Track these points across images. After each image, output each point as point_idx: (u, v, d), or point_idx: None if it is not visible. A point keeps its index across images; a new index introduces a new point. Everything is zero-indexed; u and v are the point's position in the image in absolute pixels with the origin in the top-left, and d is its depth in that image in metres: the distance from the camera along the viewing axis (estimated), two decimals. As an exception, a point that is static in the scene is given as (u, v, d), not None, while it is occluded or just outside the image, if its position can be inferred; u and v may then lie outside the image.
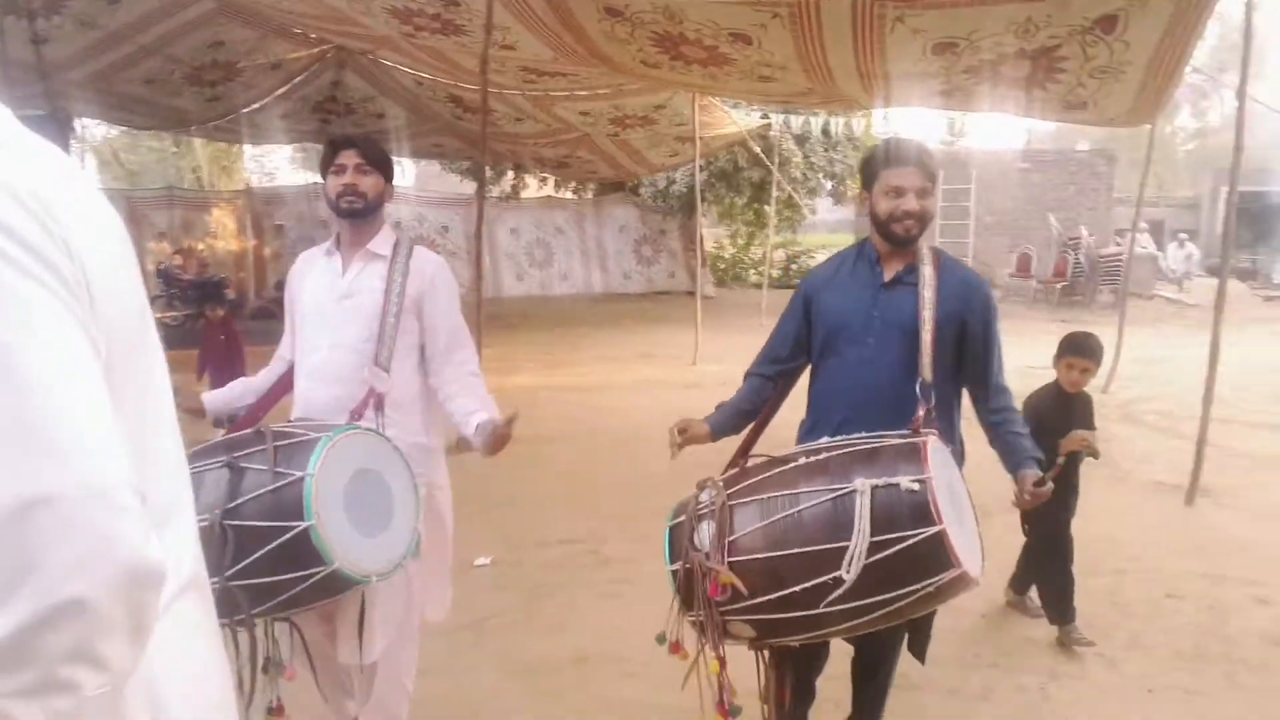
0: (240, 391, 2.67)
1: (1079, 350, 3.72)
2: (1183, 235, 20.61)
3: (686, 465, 2.54)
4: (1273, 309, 16.82)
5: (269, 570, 2.05)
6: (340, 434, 2.16)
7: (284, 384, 2.64)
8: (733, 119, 11.60)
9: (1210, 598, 4.02)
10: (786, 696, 2.31)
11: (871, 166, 2.43)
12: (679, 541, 2.13)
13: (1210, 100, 33.86)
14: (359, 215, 2.52)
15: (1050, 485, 2.34)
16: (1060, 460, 2.68)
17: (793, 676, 2.35)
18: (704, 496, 2.15)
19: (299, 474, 2.05)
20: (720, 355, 9.30)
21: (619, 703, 3.06)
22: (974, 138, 33.35)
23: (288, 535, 2.03)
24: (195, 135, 15.08)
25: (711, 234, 18.90)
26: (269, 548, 2.03)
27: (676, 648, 2.16)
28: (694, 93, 9.44)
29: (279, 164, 27.73)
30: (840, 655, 2.65)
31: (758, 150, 13.24)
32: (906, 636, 2.51)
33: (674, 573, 2.14)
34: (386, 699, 2.62)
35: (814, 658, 2.55)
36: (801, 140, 16.16)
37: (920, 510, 1.92)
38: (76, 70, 8.82)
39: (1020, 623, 3.79)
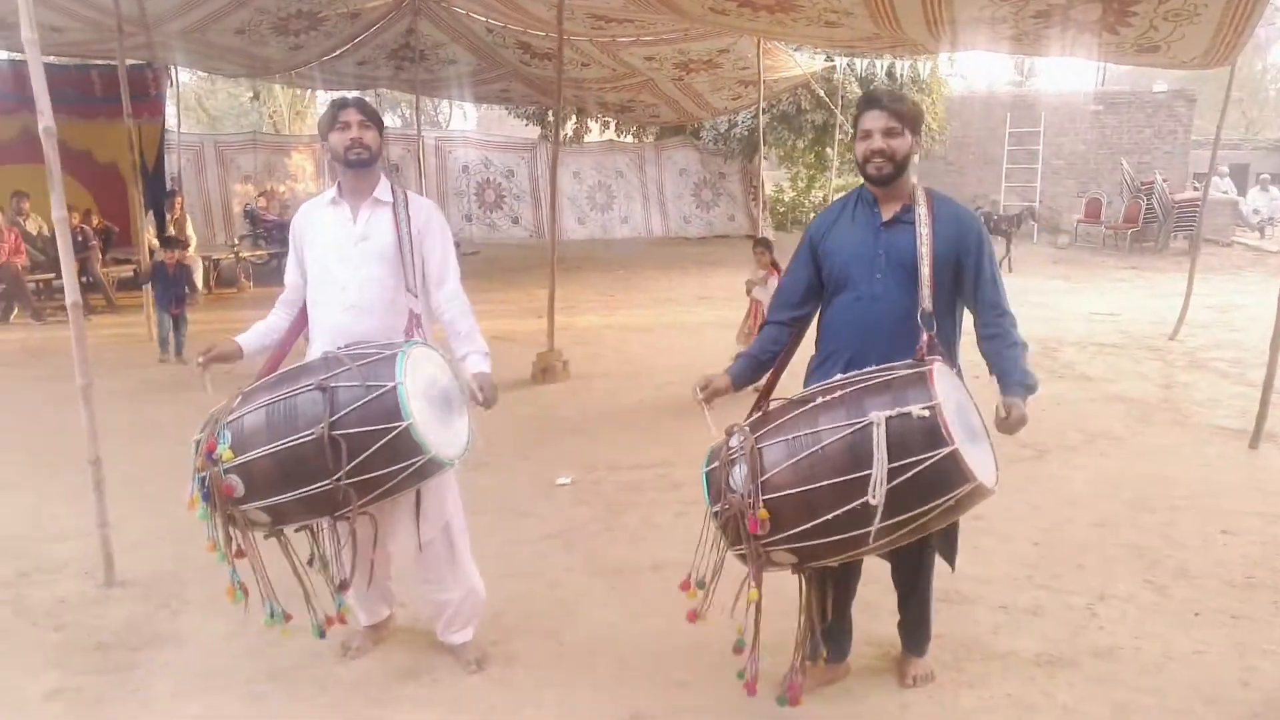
0: (265, 331, 3.01)
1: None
2: (1264, 178, 19.81)
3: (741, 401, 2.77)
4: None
5: (378, 465, 2.46)
6: (410, 347, 2.58)
7: (300, 321, 3.00)
8: (796, 62, 11.57)
9: (1265, 535, 4.12)
10: (827, 610, 2.57)
11: (855, 116, 2.67)
12: (716, 485, 2.37)
13: (1304, 37, 32.11)
14: (365, 165, 2.86)
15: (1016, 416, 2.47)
16: None
17: (832, 593, 2.61)
18: (733, 441, 2.38)
19: (390, 383, 2.46)
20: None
21: (690, 603, 3.37)
22: (1044, 79, 32.27)
23: (391, 434, 2.43)
24: (276, 82, 15.54)
25: (771, 177, 18.79)
26: (376, 446, 2.43)
27: (686, 585, 2.45)
28: (759, 37, 9.46)
29: (348, 109, 28.17)
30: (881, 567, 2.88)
31: (821, 93, 13.16)
32: (935, 546, 2.74)
33: (714, 513, 2.38)
34: (470, 578, 3.02)
35: (849, 576, 2.80)
36: (866, 83, 15.92)
37: (932, 434, 2.15)
38: (176, 22, 9.22)
39: (1071, 549, 3.98)
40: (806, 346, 2.83)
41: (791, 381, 2.78)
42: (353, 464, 2.42)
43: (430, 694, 2.87)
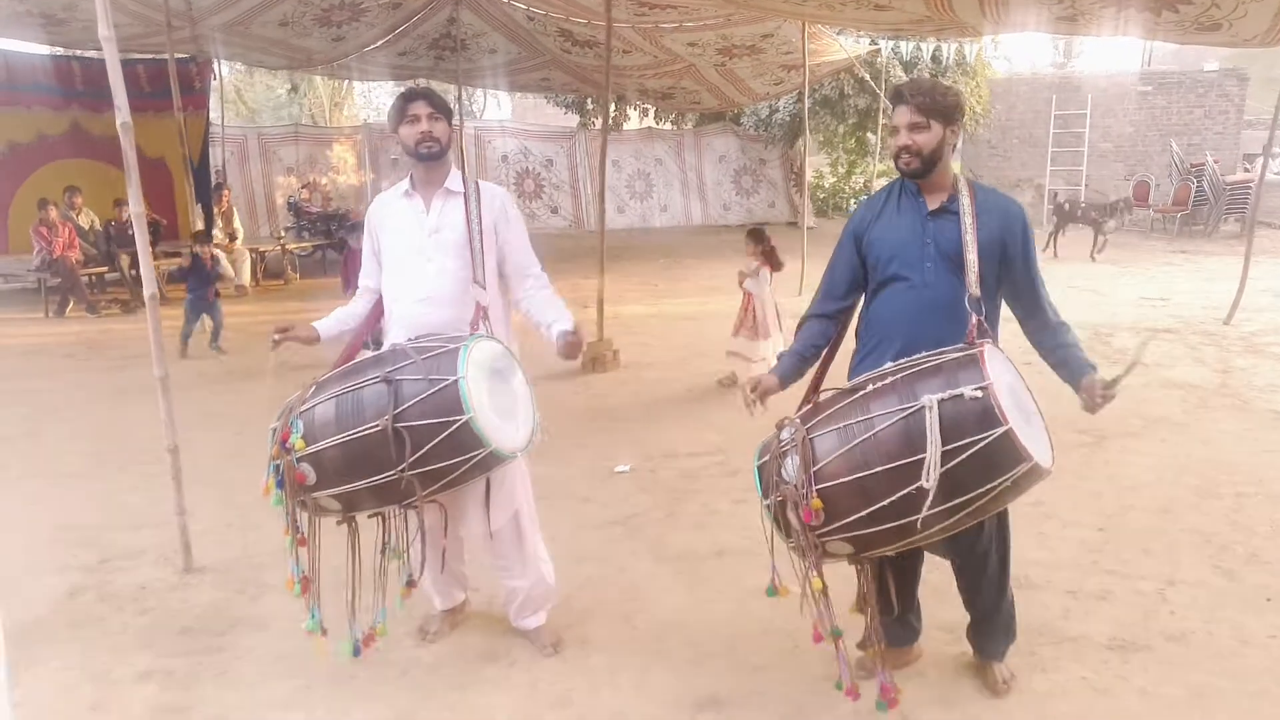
0: (343, 316, 3.07)
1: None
2: (1318, 159, 19.30)
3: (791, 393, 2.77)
4: None
5: (440, 457, 2.51)
6: (473, 342, 2.62)
7: (377, 311, 3.06)
8: (840, 46, 11.47)
9: (1333, 520, 4.08)
10: (891, 599, 2.57)
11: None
12: (768, 478, 2.38)
13: (1358, 11, 31.05)
14: (436, 158, 2.89)
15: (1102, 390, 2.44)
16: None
17: (894, 584, 2.61)
18: (784, 435, 2.39)
19: (452, 378, 2.50)
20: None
21: (755, 589, 3.40)
22: (1087, 60, 31.63)
23: (453, 427, 2.47)
24: (316, 73, 15.68)
25: (811, 163, 18.70)
26: (438, 439, 2.48)
27: (784, 591, 2.44)
28: (805, 21, 9.40)
29: (385, 99, 28.41)
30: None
31: (865, 76, 13.04)
32: (995, 537, 2.67)
33: (768, 507, 2.39)
34: (538, 565, 3.07)
35: (911, 560, 2.78)
36: (910, 67, 15.76)
37: (986, 414, 2.14)
38: (220, 15, 9.36)
39: (1136, 534, 3.96)
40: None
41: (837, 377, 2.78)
42: (416, 456, 2.48)
43: (509, 676, 2.93)
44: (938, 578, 3.00)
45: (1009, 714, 2.68)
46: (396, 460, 2.48)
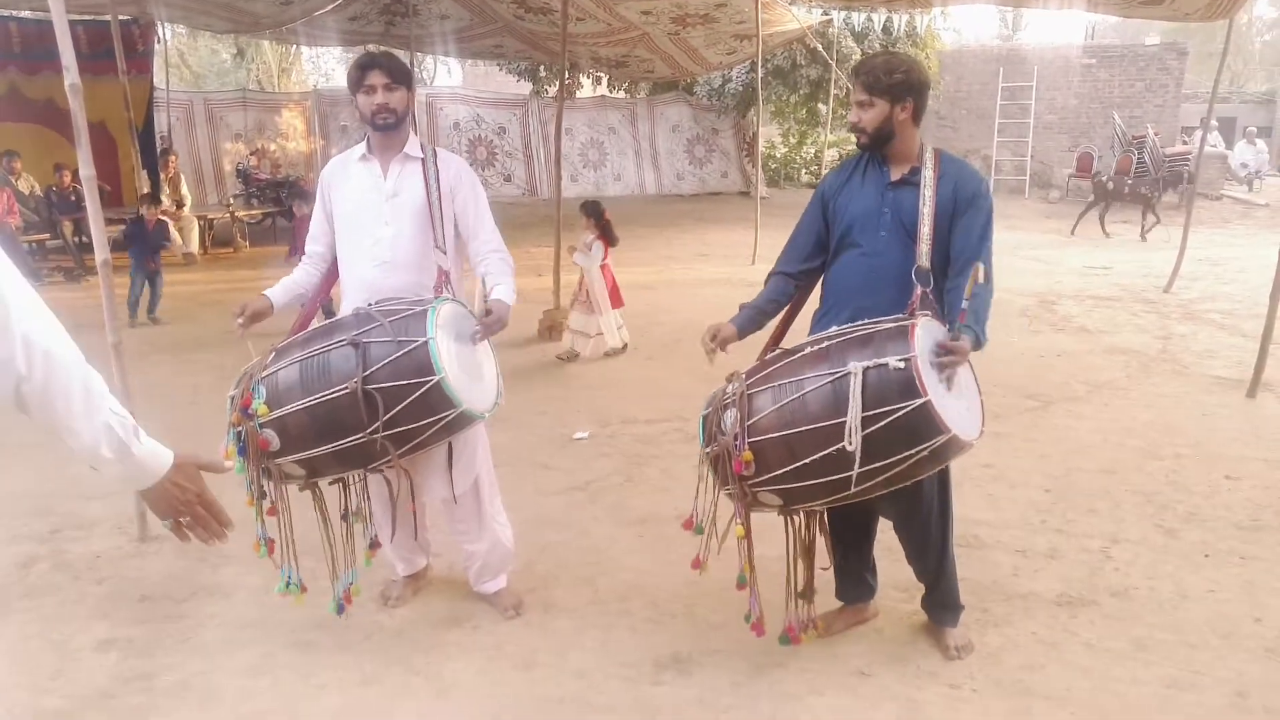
0: (292, 284, 3.03)
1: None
2: (1251, 131, 19.88)
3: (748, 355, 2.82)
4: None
5: (410, 419, 2.51)
6: (440, 304, 2.63)
7: (331, 276, 3.05)
8: (793, 16, 11.47)
9: (1268, 479, 4.26)
10: (827, 551, 2.71)
11: None
12: (710, 428, 2.50)
13: (1293, -11, 31.93)
14: (393, 128, 2.88)
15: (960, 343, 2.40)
16: None
17: (847, 540, 2.79)
18: (729, 388, 2.50)
19: (421, 339, 2.50)
20: (777, 255, 9.50)
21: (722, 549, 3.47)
22: (1033, 32, 32.08)
23: (424, 388, 2.48)
24: (264, 38, 15.20)
25: (763, 133, 18.77)
26: (408, 400, 2.48)
27: (689, 525, 2.58)
28: (759, -10, 9.39)
29: (334, 66, 27.77)
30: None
31: (818, 47, 13.07)
32: (936, 500, 2.76)
33: (705, 454, 2.51)
34: (495, 530, 3.09)
35: (862, 525, 2.89)
36: (860, 37, 15.82)
37: (907, 384, 2.24)
38: (164, -24, 9.04)
39: (1082, 495, 4.10)
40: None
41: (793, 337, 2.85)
42: (386, 417, 2.47)
43: (473, 639, 2.96)
44: (892, 538, 3.07)
45: (963, 669, 2.78)
46: (367, 422, 2.47)
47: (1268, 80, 31.27)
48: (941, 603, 2.90)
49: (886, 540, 3.00)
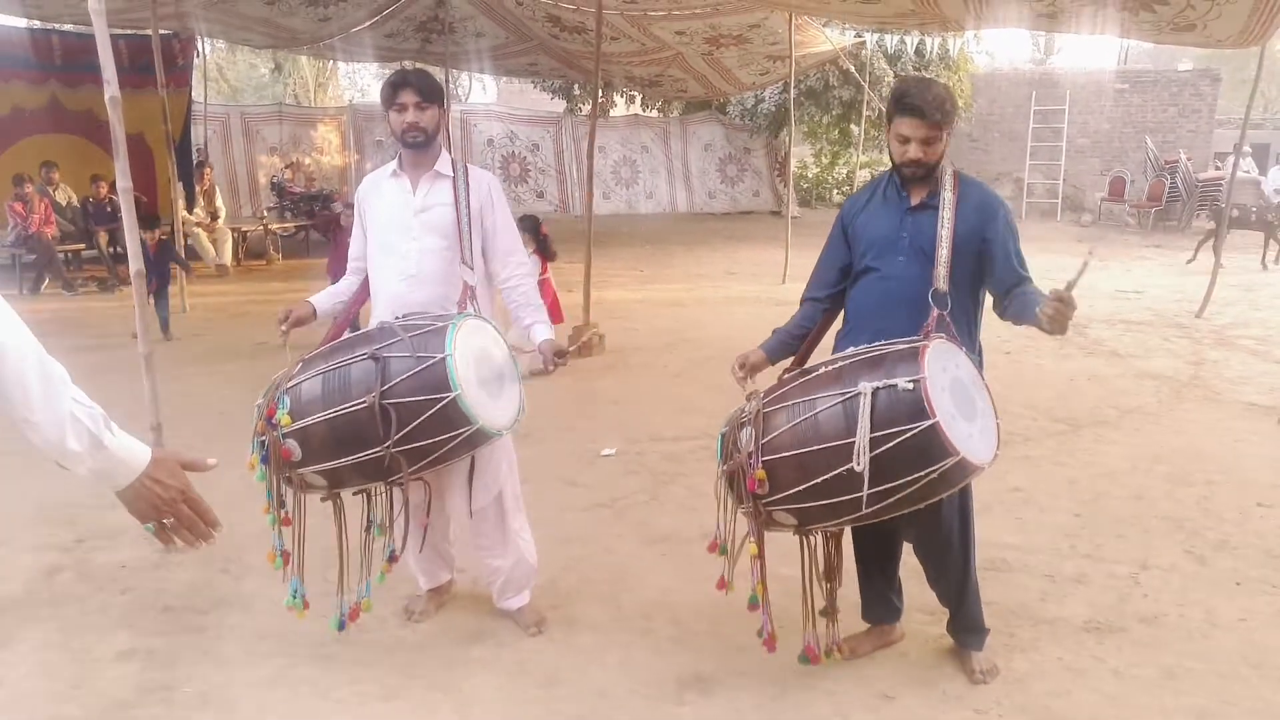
0: (335, 293, 3.11)
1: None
2: (1288, 158, 19.62)
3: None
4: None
5: (427, 434, 2.52)
6: (461, 320, 2.64)
7: (364, 290, 3.09)
8: (827, 38, 11.50)
9: (1302, 507, 4.17)
10: (834, 570, 2.68)
11: (889, 107, 2.65)
12: (728, 446, 2.51)
13: (1332, 13, 31.44)
14: (423, 146, 2.93)
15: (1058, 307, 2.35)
16: None
17: (874, 554, 2.78)
18: (748, 407, 2.51)
19: (439, 355, 2.52)
20: (808, 274, 9.49)
21: (741, 571, 3.43)
22: (1066, 56, 31.89)
23: (440, 404, 2.49)
24: (301, 53, 15.47)
25: (795, 153, 18.81)
26: (425, 416, 2.50)
27: (714, 547, 2.57)
28: (792, 12, 9.42)
29: (370, 81, 28.17)
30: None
31: (851, 68, 13.09)
32: (957, 523, 2.73)
33: (723, 472, 2.51)
34: (519, 546, 3.09)
35: (887, 546, 2.89)
36: (894, 59, 15.84)
37: (916, 406, 2.23)
38: (205, -8, 9.24)
39: (1111, 520, 4.03)
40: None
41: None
42: (402, 432, 2.50)
43: (496, 656, 2.95)
44: (918, 561, 3.05)
45: (988, 694, 2.73)
46: (383, 437, 2.49)
47: (1305, 105, 30.80)
48: (965, 626, 2.87)
49: (913, 563, 2.97)
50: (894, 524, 2.58)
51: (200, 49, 12.73)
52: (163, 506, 1.40)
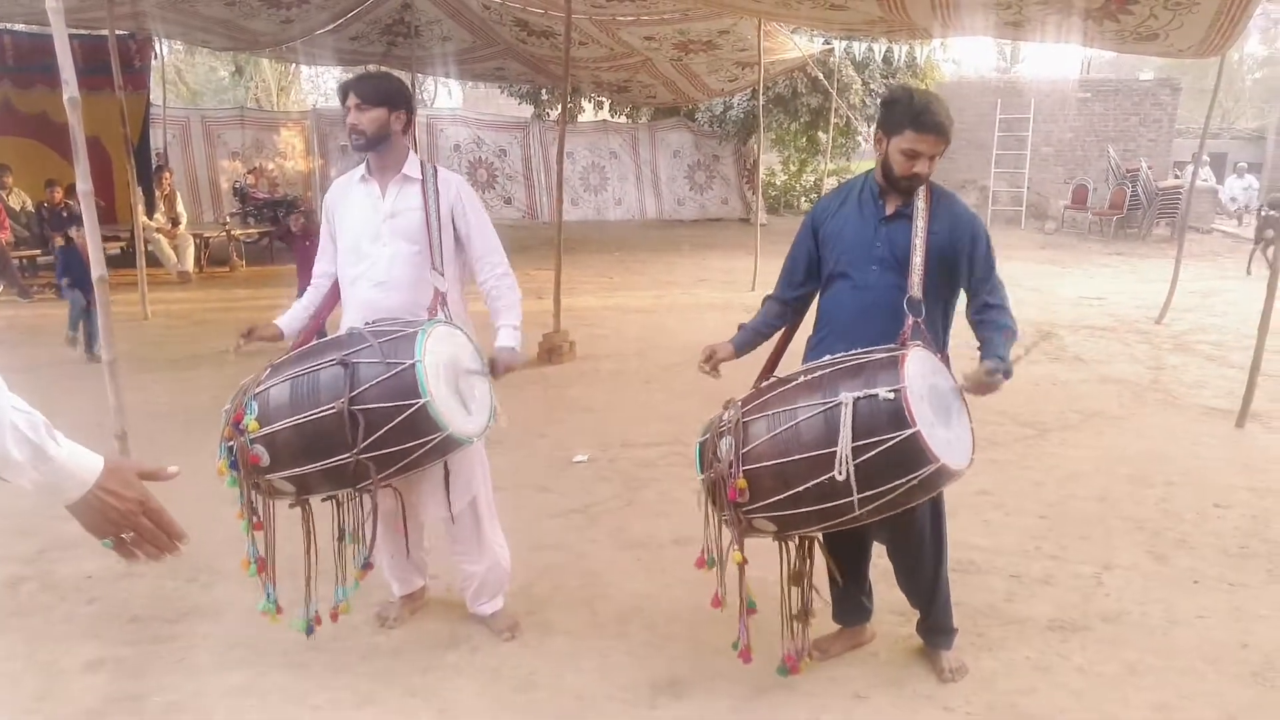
0: (301, 309, 3.07)
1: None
2: (1242, 166, 20.12)
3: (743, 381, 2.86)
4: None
5: (395, 441, 2.51)
6: (431, 326, 2.63)
7: (333, 296, 3.07)
8: (795, 44, 11.61)
9: (1256, 507, 4.30)
10: (807, 574, 2.69)
11: (896, 117, 2.61)
12: (707, 455, 2.52)
13: (1282, 27, 32.42)
14: (363, 149, 2.90)
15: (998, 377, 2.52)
16: None
17: (843, 563, 2.78)
18: (725, 415, 2.53)
19: (409, 361, 2.51)
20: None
21: (714, 575, 3.47)
22: (1030, 65, 32.48)
23: (409, 411, 2.48)
24: (263, 56, 15.29)
25: (763, 160, 18.97)
26: (394, 423, 2.49)
27: (701, 563, 2.59)
28: (760, 18, 9.50)
29: (332, 85, 27.89)
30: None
31: (819, 75, 13.22)
32: (929, 527, 2.79)
33: (703, 481, 2.52)
34: (494, 551, 3.09)
35: (858, 548, 2.91)
36: (861, 67, 16.01)
37: (896, 415, 2.27)
38: (163, -8, 9.11)
39: (1075, 522, 4.12)
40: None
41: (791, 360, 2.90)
42: (371, 439, 2.48)
43: (471, 661, 2.95)
44: (889, 562, 3.08)
45: (958, 692, 2.78)
46: (351, 443, 2.48)
47: (1258, 117, 31.62)
48: (935, 626, 2.91)
49: (884, 564, 3.01)
50: (866, 527, 2.62)
51: (158, 50, 12.53)
52: (120, 520, 1.28)
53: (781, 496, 2.36)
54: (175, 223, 11.17)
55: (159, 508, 1.31)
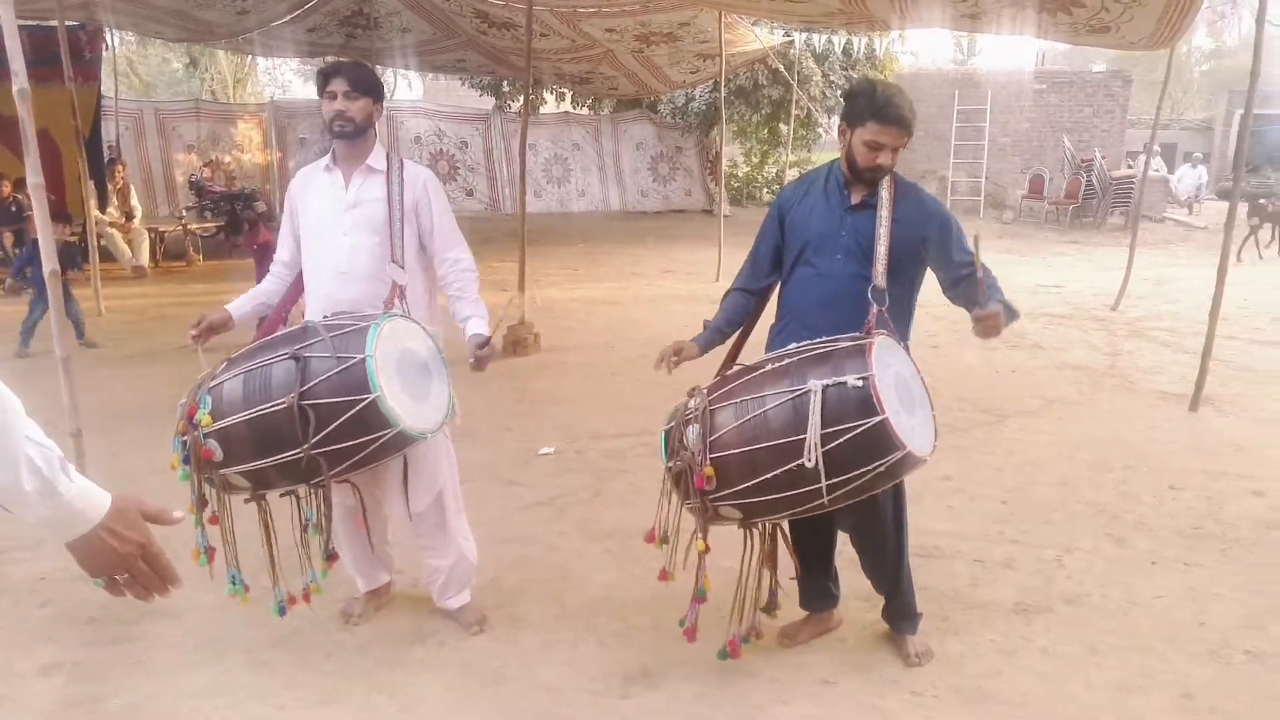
0: (255, 296, 3.02)
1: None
2: (1196, 156, 20.59)
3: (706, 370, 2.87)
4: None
5: (346, 436, 2.48)
6: (385, 320, 2.60)
7: (297, 288, 3.03)
8: (756, 36, 11.63)
9: (1210, 489, 4.40)
10: (774, 561, 2.72)
11: (859, 110, 2.62)
12: (673, 443, 2.52)
13: (1228, 21, 33.18)
14: (349, 137, 2.87)
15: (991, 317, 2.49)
16: None
17: (809, 550, 2.82)
18: (691, 403, 2.53)
19: (359, 356, 2.48)
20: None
21: (682, 564, 3.48)
22: (987, 57, 32.93)
23: (359, 406, 2.45)
24: (217, 47, 14.96)
25: (725, 152, 18.99)
26: (344, 418, 2.46)
27: (651, 538, 2.60)
28: (720, 10, 9.50)
29: (290, 77, 27.50)
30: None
31: (780, 67, 13.26)
32: (892, 515, 2.82)
33: (668, 469, 2.53)
34: (460, 545, 3.07)
35: (824, 535, 2.94)
36: (821, 59, 16.10)
37: (865, 403, 2.30)
38: (113, -18, 8.87)
39: (1037, 506, 4.18)
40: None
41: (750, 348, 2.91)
42: (322, 434, 2.45)
43: (439, 656, 2.93)
44: (854, 549, 3.12)
45: (924, 676, 2.82)
46: (301, 438, 2.45)
47: (1205, 108, 32.36)
48: (900, 612, 2.94)
49: (849, 551, 3.03)
50: (831, 515, 2.64)
51: (109, 41, 12.21)
52: (118, 563, 1.23)
53: (749, 484, 2.37)
54: (129, 217, 10.93)
55: (159, 552, 1.27)
